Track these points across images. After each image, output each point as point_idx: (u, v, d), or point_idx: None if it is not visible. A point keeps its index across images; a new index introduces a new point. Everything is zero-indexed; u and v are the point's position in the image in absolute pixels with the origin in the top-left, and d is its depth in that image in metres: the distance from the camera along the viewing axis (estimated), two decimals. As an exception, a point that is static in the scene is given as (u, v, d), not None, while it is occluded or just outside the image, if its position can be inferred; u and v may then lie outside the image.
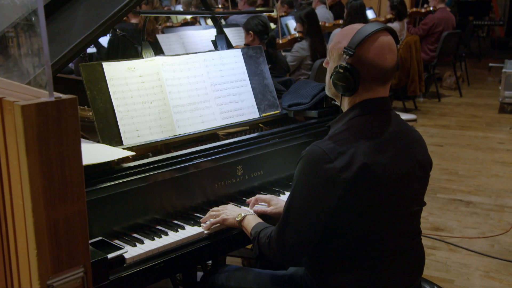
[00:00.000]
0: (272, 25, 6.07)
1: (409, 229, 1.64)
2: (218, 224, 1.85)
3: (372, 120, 1.58)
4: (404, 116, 6.06)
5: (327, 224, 1.54)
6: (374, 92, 1.58)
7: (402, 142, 1.60)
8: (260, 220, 1.80)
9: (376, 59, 1.54)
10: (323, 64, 1.72)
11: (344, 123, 1.59)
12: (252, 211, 1.90)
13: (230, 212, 1.86)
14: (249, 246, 2.71)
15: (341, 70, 1.55)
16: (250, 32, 4.17)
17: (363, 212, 1.52)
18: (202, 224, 1.86)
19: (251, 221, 1.78)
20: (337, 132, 1.56)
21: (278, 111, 2.42)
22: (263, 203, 2.01)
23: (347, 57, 1.54)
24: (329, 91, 1.70)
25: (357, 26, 1.59)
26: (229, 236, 1.87)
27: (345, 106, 1.65)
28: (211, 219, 1.86)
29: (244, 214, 1.82)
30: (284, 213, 1.59)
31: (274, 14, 6.70)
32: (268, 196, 2.01)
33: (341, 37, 1.61)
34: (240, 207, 1.99)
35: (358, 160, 1.48)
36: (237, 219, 1.81)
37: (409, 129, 1.66)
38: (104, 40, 4.85)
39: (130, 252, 1.66)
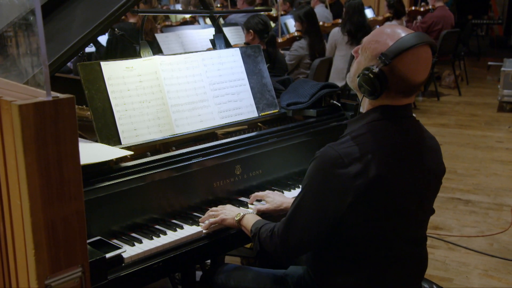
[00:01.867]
0: (272, 24, 6.07)
1: (416, 236, 1.64)
2: (217, 224, 1.85)
3: (391, 126, 1.54)
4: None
5: (334, 227, 1.53)
6: (396, 101, 1.54)
7: (418, 151, 1.57)
8: (259, 218, 1.80)
9: (409, 74, 1.48)
10: (352, 52, 1.67)
11: (363, 125, 1.55)
12: (251, 211, 1.90)
13: (229, 212, 1.86)
14: (248, 245, 2.71)
15: (371, 75, 1.48)
16: (251, 31, 4.17)
17: (372, 218, 1.51)
18: (200, 224, 1.86)
19: (251, 219, 1.78)
20: (354, 135, 1.52)
21: (277, 110, 2.42)
22: (260, 201, 2.02)
23: (382, 64, 1.47)
24: (351, 83, 1.64)
25: (399, 32, 1.51)
26: (227, 236, 1.87)
27: (365, 105, 1.61)
28: (210, 219, 1.85)
29: (243, 213, 1.82)
30: (291, 210, 1.58)
31: (273, 12, 6.69)
32: (263, 193, 2.02)
33: (380, 37, 1.52)
34: (239, 207, 1.99)
35: (372, 168, 1.45)
36: (236, 218, 1.81)
37: (427, 136, 1.63)
38: (103, 39, 4.85)
39: (129, 251, 1.66)
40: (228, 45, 2.51)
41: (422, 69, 1.50)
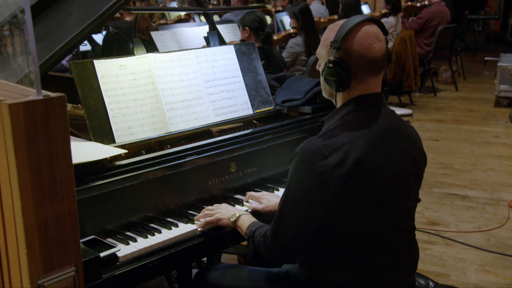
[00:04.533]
0: (268, 19, 6.05)
1: (403, 225, 1.64)
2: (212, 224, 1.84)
3: (366, 116, 1.57)
4: (400, 111, 6.06)
5: (322, 221, 1.53)
6: (367, 84, 1.57)
7: (396, 138, 1.59)
8: (254, 219, 1.79)
9: (363, 49, 1.53)
10: (316, 67, 1.71)
11: (338, 119, 1.58)
12: (245, 208, 1.90)
13: (224, 211, 1.85)
14: (244, 243, 2.71)
15: (330, 65, 1.55)
16: (246, 28, 4.16)
17: (357, 208, 1.52)
18: (196, 222, 1.85)
19: (246, 221, 1.78)
20: (331, 128, 1.56)
21: (272, 107, 2.41)
22: (254, 201, 2.01)
23: (335, 51, 1.54)
24: (324, 91, 1.70)
25: (341, 21, 1.59)
26: (223, 233, 1.86)
27: (339, 103, 1.63)
28: (206, 218, 1.85)
29: (239, 214, 1.81)
30: (278, 210, 1.59)
31: (269, 6, 6.67)
32: (259, 194, 2.01)
33: (326, 35, 1.62)
34: (234, 205, 1.98)
35: (351, 157, 1.47)
36: (232, 219, 1.81)
37: (404, 125, 1.65)
38: (98, 38, 4.83)
39: (123, 250, 1.65)
40: (222, 42, 2.50)
41: (374, 41, 1.54)
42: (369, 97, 1.58)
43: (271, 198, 1.97)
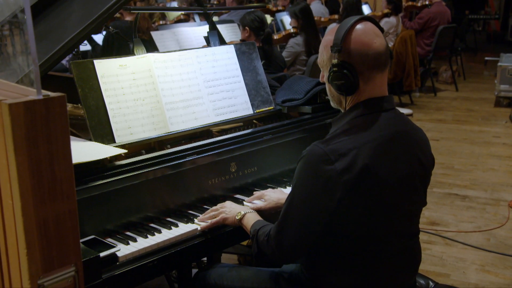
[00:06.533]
0: (269, 18, 6.04)
1: (408, 229, 1.63)
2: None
3: (375, 120, 1.55)
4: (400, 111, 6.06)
5: (326, 225, 1.53)
6: (374, 83, 1.55)
7: (405, 142, 1.57)
8: (259, 218, 1.79)
9: (364, 46, 1.52)
10: (320, 79, 1.70)
11: (346, 122, 1.56)
12: (251, 209, 1.89)
13: (229, 210, 1.85)
14: (245, 243, 2.71)
15: (335, 69, 1.53)
16: (246, 28, 4.16)
17: (363, 213, 1.50)
18: (199, 222, 1.84)
19: (251, 219, 1.77)
20: (339, 132, 1.54)
21: (272, 107, 2.41)
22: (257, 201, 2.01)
23: (336, 54, 1.53)
24: (332, 100, 1.67)
25: (336, 26, 1.59)
26: (223, 233, 1.86)
27: (348, 105, 1.61)
28: (212, 220, 1.83)
29: (244, 212, 1.81)
30: (283, 212, 1.58)
31: (270, 6, 6.66)
32: (259, 193, 2.01)
33: (325, 43, 1.61)
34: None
35: (359, 162, 1.46)
36: (237, 217, 1.80)
37: (413, 128, 1.63)
38: (99, 38, 4.83)
39: (123, 250, 1.65)
40: (222, 42, 2.50)
41: (373, 37, 1.54)
42: (378, 100, 1.56)
43: (272, 195, 1.97)
